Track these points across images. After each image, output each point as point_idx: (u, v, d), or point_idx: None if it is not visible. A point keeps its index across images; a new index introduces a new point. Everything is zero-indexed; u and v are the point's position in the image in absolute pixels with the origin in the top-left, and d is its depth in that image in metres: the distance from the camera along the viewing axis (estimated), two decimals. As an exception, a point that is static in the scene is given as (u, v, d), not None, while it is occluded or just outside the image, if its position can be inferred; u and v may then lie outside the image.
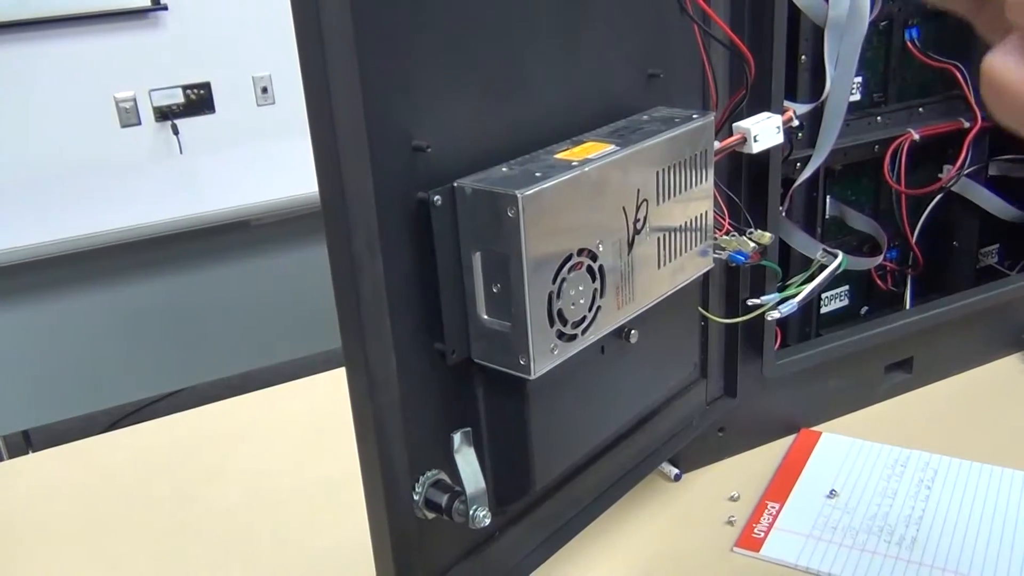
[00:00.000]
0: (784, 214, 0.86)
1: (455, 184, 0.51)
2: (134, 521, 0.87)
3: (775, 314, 0.69)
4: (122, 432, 1.07)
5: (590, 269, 0.55)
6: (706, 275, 0.70)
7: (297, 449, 0.96)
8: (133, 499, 0.90)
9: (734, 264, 0.71)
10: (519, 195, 0.48)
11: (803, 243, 0.87)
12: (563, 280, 0.53)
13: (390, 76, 0.48)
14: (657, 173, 0.59)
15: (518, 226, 0.49)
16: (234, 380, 2.10)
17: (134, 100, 2.88)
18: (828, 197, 0.94)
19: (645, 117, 0.63)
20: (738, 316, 0.78)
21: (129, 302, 1.97)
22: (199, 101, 2.95)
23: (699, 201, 0.64)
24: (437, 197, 0.51)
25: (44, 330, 1.93)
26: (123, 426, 1.73)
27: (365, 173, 0.47)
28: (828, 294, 0.98)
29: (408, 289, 0.52)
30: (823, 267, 0.76)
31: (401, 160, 0.50)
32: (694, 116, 0.62)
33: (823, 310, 0.98)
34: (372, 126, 0.47)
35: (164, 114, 2.91)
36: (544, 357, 0.53)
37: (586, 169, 0.53)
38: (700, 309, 0.74)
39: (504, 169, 0.53)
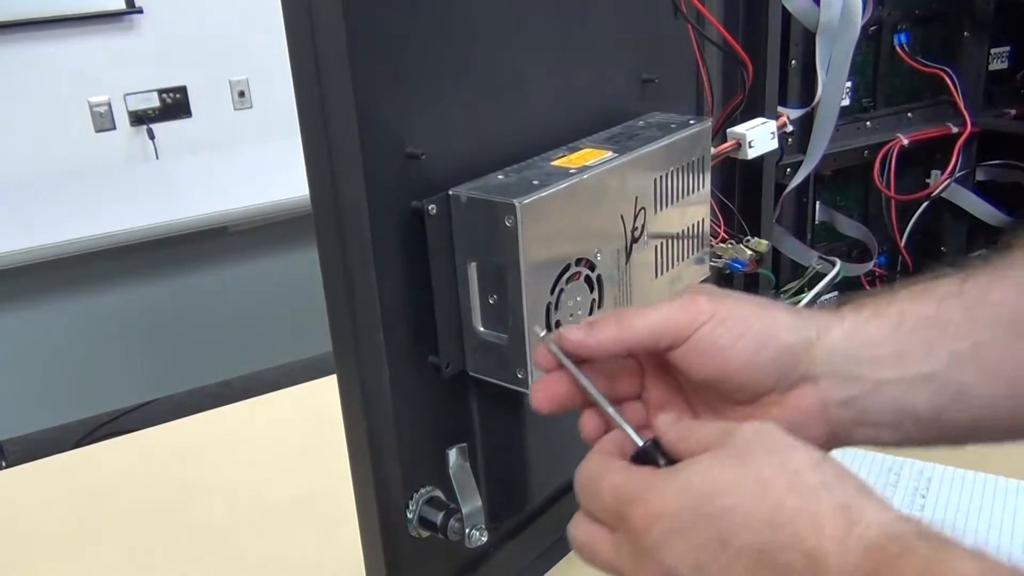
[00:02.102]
0: (775, 220, 0.85)
1: (450, 192, 0.50)
2: (112, 540, 0.84)
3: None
4: (99, 446, 1.04)
5: (588, 279, 0.54)
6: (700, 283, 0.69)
7: (282, 461, 0.94)
8: (111, 516, 0.88)
9: (730, 272, 0.70)
10: (517, 204, 0.47)
11: (795, 250, 0.87)
12: (561, 291, 0.51)
13: (383, 82, 0.47)
14: (655, 180, 0.58)
15: (516, 235, 0.48)
16: (213, 388, 2.07)
17: (109, 104, 2.83)
18: (818, 203, 0.93)
19: (641, 123, 0.62)
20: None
21: (104, 310, 1.93)
22: (175, 105, 2.90)
23: (696, 208, 0.63)
24: (432, 206, 0.49)
25: (16, 339, 1.89)
26: (99, 435, 1.69)
27: (358, 181, 0.46)
28: (817, 301, 0.97)
29: (401, 300, 0.50)
30: (817, 274, 0.75)
31: (394, 168, 0.48)
32: (691, 121, 0.61)
33: (813, 316, 0.97)
34: (365, 133, 0.45)
35: (140, 118, 2.87)
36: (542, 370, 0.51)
37: (584, 176, 0.52)
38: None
39: (500, 177, 0.52)
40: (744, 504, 0.36)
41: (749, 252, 0.69)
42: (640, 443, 0.41)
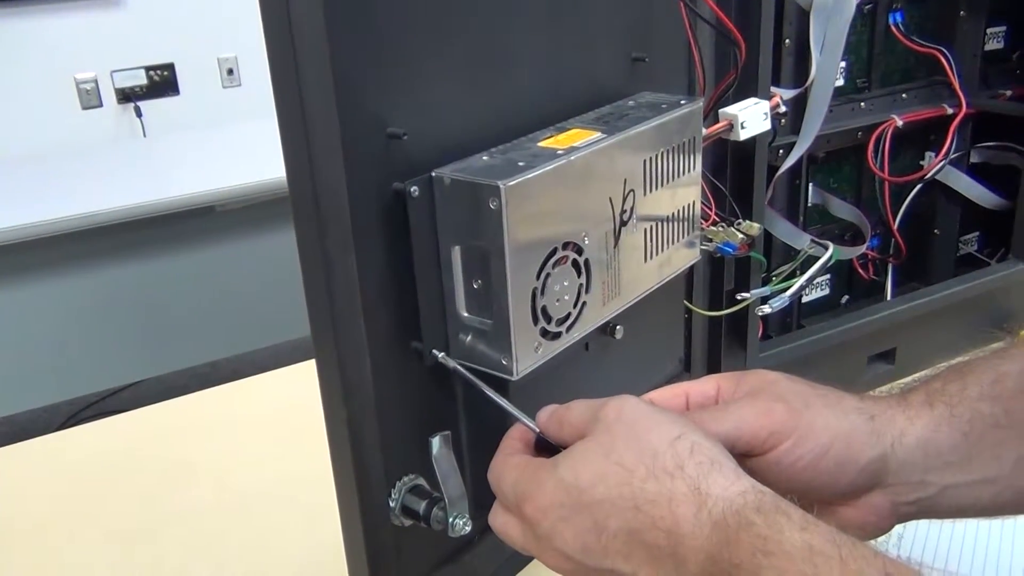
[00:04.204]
0: (767, 202, 0.84)
1: (433, 174, 0.49)
2: (97, 521, 0.83)
3: (766, 309, 0.67)
4: (86, 427, 1.03)
5: (575, 263, 0.52)
6: (691, 267, 0.68)
7: (268, 444, 0.93)
8: (96, 498, 0.87)
9: (720, 255, 0.68)
10: (502, 186, 0.46)
11: (787, 232, 0.85)
12: (547, 275, 0.50)
13: (363, 59, 0.45)
14: (645, 161, 0.56)
15: (500, 219, 0.46)
16: (201, 369, 2.06)
17: (95, 81, 2.79)
18: (810, 185, 0.92)
19: (631, 103, 0.61)
20: (722, 308, 0.75)
21: (91, 290, 1.91)
22: (163, 83, 2.87)
23: (686, 190, 0.61)
24: (414, 188, 0.48)
25: (2, 320, 1.87)
26: (86, 416, 1.68)
27: (337, 162, 0.45)
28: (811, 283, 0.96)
29: (383, 285, 0.49)
30: (810, 258, 0.74)
31: (375, 148, 0.47)
32: (682, 102, 0.60)
33: (804, 300, 0.96)
34: (344, 112, 0.44)
35: (127, 96, 2.83)
36: (527, 356, 0.50)
37: (572, 158, 0.50)
38: (690, 305, 0.72)
39: (485, 158, 0.50)
40: (611, 493, 0.41)
41: (740, 235, 0.68)
42: (537, 431, 0.48)
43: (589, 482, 0.42)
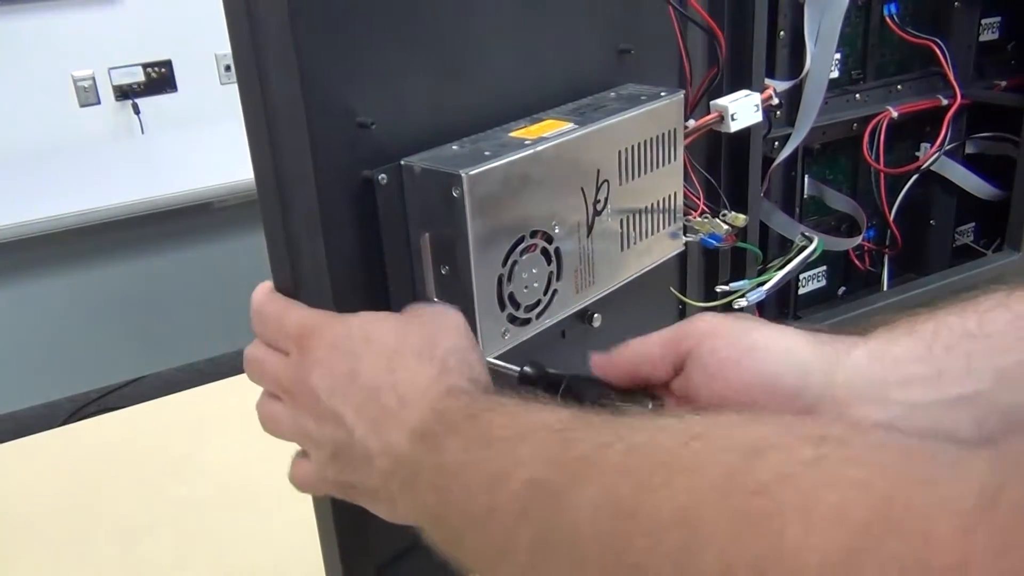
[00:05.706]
0: (762, 194, 0.83)
1: (402, 162, 0.49)
2: (99, 517, 0.83)
3: (743, 302, 0.67)
4: (87, 424, 1.04)
5: (545, 251, 0.52)
6: (684, 258, 0.68)
7: (268, 439, 0.93)
8: (98, 494, 0.87)
9: (713, 248, 0.68)
10: (464, 174, 0.46)
11: (782, 224, 0.84)
12: (514, 263, 0.50)
13: (330, 46, 0.45)
14: (619, 153, 0.56)
15: (463, 207, 0.46)
16: (201, 365, 2.06)
17: (93, 78, 2.79)
18: (806, 176, 0.91)
19: (612, 95, 0.60)
20: (716, 300, 0.75)
21: (90, 287, 1.92)
22: (160, 79, 2.86)
23: (667, 181, 0.61)
24: (382, 176, 0.48)
25: (3, 317, 1.88)
26: (87, 413, 1.68)
27: (304, 151, 0.44)
28: (805, 275, 0.96)
29: (353, 271, 0.49)
30: (803, 249, 0.73)
31: (344, 137, 0.47)
32: (662, 94, 0.59)
33: (801, 291, 0.96)
34: (311, 101, 0.44)
35: (124, 93, 2.82)
36: (494, 342, 0.50)
37: (539, 148, 0.50)
38: (677, 293, 0.71)
39: (454, 147, 0.50)
40: (378, 349, 0.43)
41: (726, 227, 0.67)
42: (518, 370, 0.49)
43: (369, 333, 0.43)
